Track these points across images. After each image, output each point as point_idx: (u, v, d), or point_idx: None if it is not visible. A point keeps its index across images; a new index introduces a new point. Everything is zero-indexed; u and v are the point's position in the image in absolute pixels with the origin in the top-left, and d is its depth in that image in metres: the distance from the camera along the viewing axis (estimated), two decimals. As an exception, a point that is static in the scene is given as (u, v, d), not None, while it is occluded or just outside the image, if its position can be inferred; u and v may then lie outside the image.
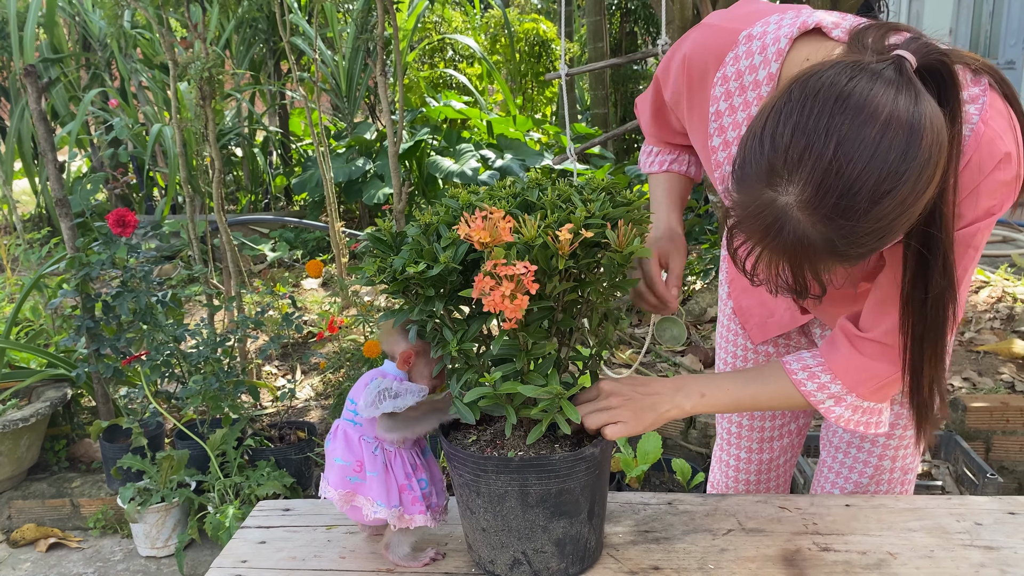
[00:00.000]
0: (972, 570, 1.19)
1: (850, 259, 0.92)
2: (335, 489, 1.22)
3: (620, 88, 7.65)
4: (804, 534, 1.30)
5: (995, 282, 4.07)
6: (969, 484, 2.47)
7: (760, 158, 0.90)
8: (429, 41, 7.32)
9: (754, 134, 0.91)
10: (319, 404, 3.52)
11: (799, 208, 0.88)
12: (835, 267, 0.94)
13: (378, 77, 3.14)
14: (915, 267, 1.02)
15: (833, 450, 1.53)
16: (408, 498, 1.22)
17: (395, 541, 1.26)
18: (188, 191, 3.53)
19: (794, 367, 1.21)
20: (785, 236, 0.90)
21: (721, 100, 1.17)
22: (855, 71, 0.87)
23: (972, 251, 1.05)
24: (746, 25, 1.14)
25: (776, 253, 0.93)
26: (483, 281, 0.98)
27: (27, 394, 3.19)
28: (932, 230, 0.96)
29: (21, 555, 2.85)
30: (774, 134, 0.88)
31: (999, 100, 1.00)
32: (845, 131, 0.85)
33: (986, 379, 3.13)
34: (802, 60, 1.07)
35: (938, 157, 0.88)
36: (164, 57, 3.27)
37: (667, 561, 1.24)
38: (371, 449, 1.21)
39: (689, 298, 3.92)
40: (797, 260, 0.92)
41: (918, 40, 0.93)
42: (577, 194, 1.11)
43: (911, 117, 0.85)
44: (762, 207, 0.90)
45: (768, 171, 0.89)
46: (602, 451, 1.16)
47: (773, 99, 0.91)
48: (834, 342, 1.20)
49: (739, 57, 1.13)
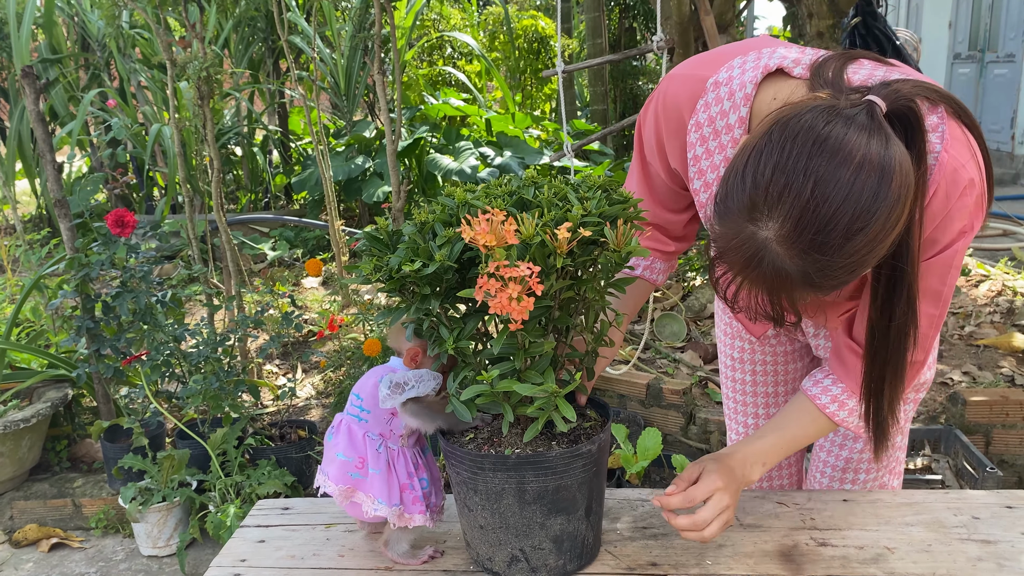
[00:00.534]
0: (969, 564, 1.19)
1: (823, 290, 0.98)
2: (335, 484, 1.22)
3: (619, 84, 7.65)
4: (802, 529, 1.30)
5: (995, 276, 4.07)
6: (969, 478, 2.47)
7: (742, 194, 0.95)
8: (428, 39, 7.32)
9: (736, 171, 0.97)
10: (320, 403, 3.53)
11: (778, 242, 0.94)
12: (810, 296, 1.00)
13: (376, 75, 3.14)
14: (883, 296, 1.08)
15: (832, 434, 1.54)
16: (409, 497, 1.22)
17: (394, 539, 1.27)
18: (187, 191, 3.53)
19: (823, 401, 1.26)
20: (764, 268, 0.96)
21: (697, 145, 1.23)
22: (831, 115, 0.94)
23: (953, 270, 1.13)
24: (711, 71, 1.20)
25: (755, 283, 0.99)
26: (487, 283, 0.98)
27: (28, 395, 3.20)
28: (899, 263, 1.03)
29: (23, 555, 2.86)
30: (756, 172, 0.94)
31: (957, 127, 1.06)
32: (822, 172, 0.91)
33: (986, 373, 3.13)
34: (770, 100, 1.13)
35: (906, 197, 0.94)
36: (163, 57, 3.27)
37: (665, 557, 1.24)
38: (375, 447, 1.21)
39: (689, 294, 3.92)
40: (775, 290, 0.99)
41: (888, 86, 1.00)
42: (573, 192, 1.11)
43: (882, 160, 0.92)
44: (743, 240, 0.96)
45: (749, 206, 0.95)
46: (599, 448, 1.16)
47: (754, 138, 0.97)
48: (844, 361, 1.23)
49: (709, 104, 1.19)
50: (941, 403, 2.96)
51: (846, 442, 1.50)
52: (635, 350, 3.34)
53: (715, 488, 1.17)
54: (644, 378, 3.14)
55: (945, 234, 1.08)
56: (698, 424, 2.97)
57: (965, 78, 8.41)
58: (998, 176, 7.43)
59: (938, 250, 1.09)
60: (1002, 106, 7.78)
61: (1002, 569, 1.18)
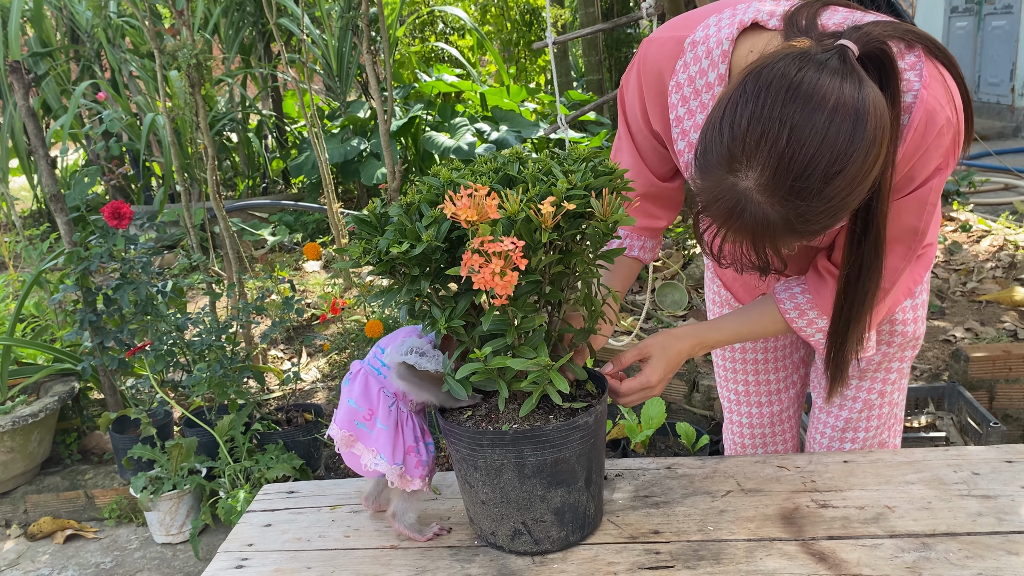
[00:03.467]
0: (970, 519, 1.20)
1: (806, 235, 1.00)
2: (339, 428, 1.22)
3: (614, 53, 7.57)
4: (802, 492, 1.31)
5: (996, 231, 4.05)
6: (973, 434, 2.48)
7: (720, 146, 0.97)
8: (418, 15, 7.26)
9: (713, 124, 0.98)
10: (325, 386, 3.55)
11: (758, 191, 0.95)
12: (793, 243, 1.02)
13: (365, 55, 3.12)
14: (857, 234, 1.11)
15: (822, 391, 1.56)
16: (412, 460, 1.22)
17: (401, 509, 1.27)
18: (184, 180, 3.53)
19: (786, 306, 1.31)
20: (747, 218, 0.98)
21: (679, 106, 1.23)
22: (803, 62, 0.95)
23: (930, 207, 1.15)
24: (688, 31, 1.20)
25: (739, 233, 1.01)
26: (471, 259, 0.98)
27: (35, 390, 3.22)
28: (872, 202, 1.05)
29: (39, 548, 2.89)
30: (732, 123, 0.96)
31: (934, 67, 1.06)
32: (797, 118, 0.92)
33: (988, 328, 3.13)
34: (746, 53, 1.13)
35: (882, 137, 0.95)
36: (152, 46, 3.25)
37: (667, 525, 1.25)
38: (388, 403, 1.21)
39: (690, 262, 3.91)
40: (759, 239, 1.00)
41: (859, 29, 1.00)
42: (558, 166, 1.11)
43: (856, 102, 0.93)
44: (724, 191, 0.98)
45: (728, 158, 0.96)
46: (596, 419, 1.17)
47: (729, 91, 0.98)
48: (821, 278, 1.27)
49: (688, 64, 1.20)
50: (944, 360, 2.96)
51: (845, 403, 1.51)
52: (637, 320, 3.34)
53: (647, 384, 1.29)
54: (647, 348, 3.14)
55: (921, 171, 1.10)
56: (701, 391, 2.97)
57: (963, 31, 8.31)
58: (998, 129, 7.37)
59: (914, 187, 1.11)
60: (1001, 59, 7.69)
61: (1002, 523, 1.19)
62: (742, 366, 1.66)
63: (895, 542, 1.16)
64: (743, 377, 1.68)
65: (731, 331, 1.36)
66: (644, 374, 1.30)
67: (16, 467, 3.01)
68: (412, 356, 1.17)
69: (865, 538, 1.18)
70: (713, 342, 1.36)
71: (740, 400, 1.71)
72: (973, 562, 1.10)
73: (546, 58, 7.73)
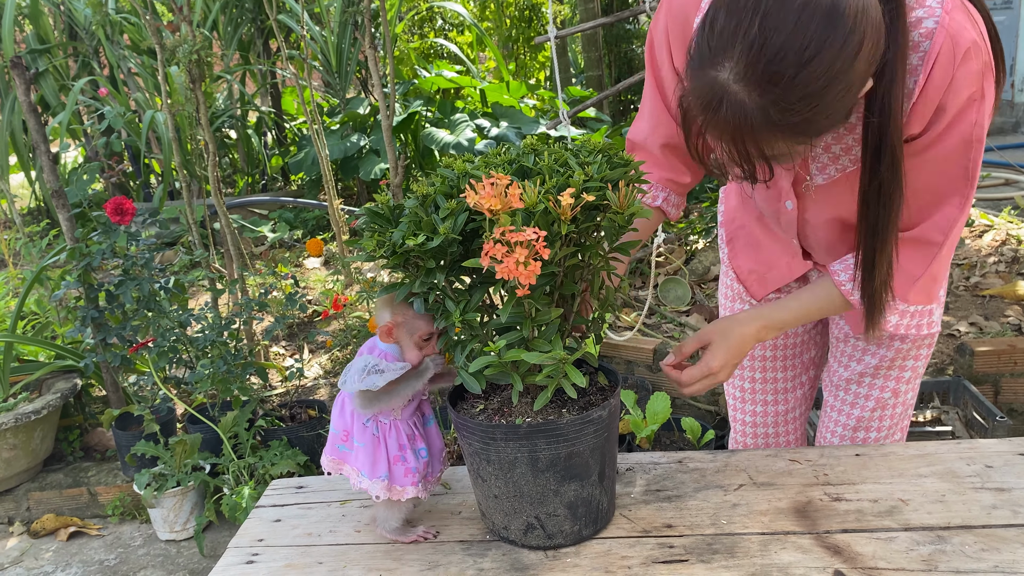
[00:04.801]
0: (984, 512, 1.20)
1: (786, 130, 0.98)
2: (326, 455, 1.24)
3: (614, 49, 7.55)
4: (815, 485, 1.31)
5: (999, 225, 4.05)
6: (979, 428, 2.47)
7: (703, 43, 0.99)
8: (417, 11, 7.24)
9: (699, 26, 1.00)
10: (328, 382, 3.54)
11: (735, 81, 0.96)
12: (776, 142, 1.00)
13: (367, 50, 3.11)
14: (870, 159, 1.09)
15: (834, 388, 1.55)
16: (400, 470, 1.20)
17: (382, 515, 1.25)
18: (184, 176, 3.52)
19: (841, 278, 1.28)
20: (724, 111, 0.98)
21: None
22: None
23: (976, 144, 1.10)
24: None
25: (719, 128, 1.00)
26: (493, 248, 0.97)
27: (37, 387, 3.21)
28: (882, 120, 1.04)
29: (43, 545, 2.88)
30: (712, 20, 0.98)
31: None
32: (770, 5, 0.93)
33: (992, 323, 3.12)
34: None
35: (865, 26, 0.94)
36: (152, 42, 3.23)
37: (680, 519, 1.24)
38: (362, 420, 1.20)
39: (692, 257, 3.91)
40: (738, 133, 0.99)
41: None
42: (573, 157, 1.10)
43: None
44: (705, 85, 0.99)
45: (709, 54, 0.98)
46: (610, 413, 1.16)
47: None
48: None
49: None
50: (948, 354, 2.96)
51: (858, 400, 1.50)
52: (639, 316, 3.34)
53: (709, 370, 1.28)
54: (650, 343, 3.14)
55: (953, 102, 1.07)
56: (706, 386, 2.97)
57: (962, 27, 8.29)
58: (998, 124, 7.37)
59: (949, 120, 1.08)
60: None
61: (1017, 516, 1.18)
62: (749, 363, 1.65)
63: (910, 535, 1.16)
64: (750, 374, 1.66)
65: (796, 309, 1.33)
66: (704, 360, 1.28)
67: (19, 464, 3.00)
68: (368, 379, 1.14)
69: (880, 531, 1.17)
70: (780, 322, 1.33)
71: (745, 398, 1.69)
72: (989, 555, 1.10)
73: (546, 54, 7.71)
